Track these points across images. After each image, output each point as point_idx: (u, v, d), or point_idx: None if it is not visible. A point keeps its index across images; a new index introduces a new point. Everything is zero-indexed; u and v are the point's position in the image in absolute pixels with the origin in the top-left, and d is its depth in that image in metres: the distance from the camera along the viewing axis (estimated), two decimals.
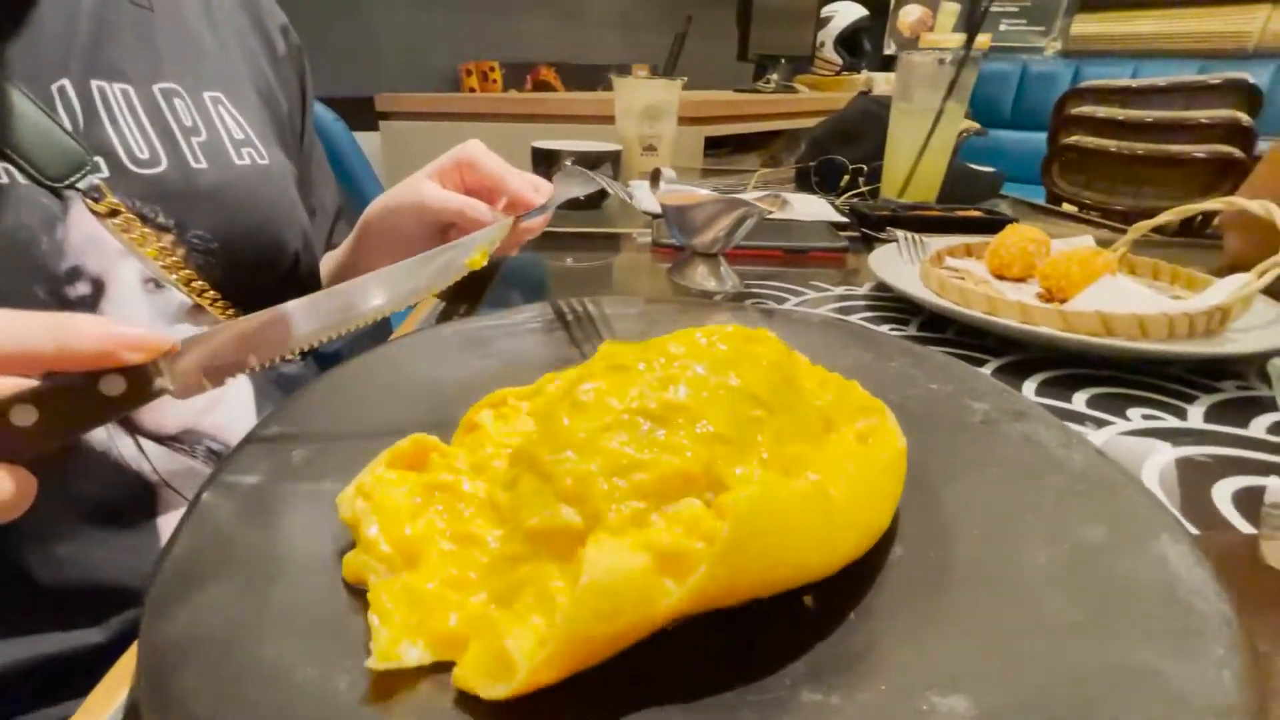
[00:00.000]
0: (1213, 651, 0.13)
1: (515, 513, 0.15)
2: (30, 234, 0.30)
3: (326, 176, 0.53)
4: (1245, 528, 0.21)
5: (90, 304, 0.32)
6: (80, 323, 0.18)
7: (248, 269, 0.38)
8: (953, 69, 0.63)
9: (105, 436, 0.32)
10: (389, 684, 0.13)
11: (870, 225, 0.60)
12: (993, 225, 0.60)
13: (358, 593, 0.15)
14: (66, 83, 0.33)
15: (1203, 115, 1.52)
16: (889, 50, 2.76)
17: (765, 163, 1.67)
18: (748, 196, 0.39)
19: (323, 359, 0.48)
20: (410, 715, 0.13)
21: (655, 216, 0.59)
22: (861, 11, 2.43)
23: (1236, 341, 0.31)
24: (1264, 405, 0.29)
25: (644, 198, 0.64)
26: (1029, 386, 0.31)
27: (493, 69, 1.49)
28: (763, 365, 0.19)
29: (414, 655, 0.13)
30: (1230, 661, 0.13)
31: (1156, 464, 0.25)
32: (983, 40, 2.73)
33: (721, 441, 0.16)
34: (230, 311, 0.37)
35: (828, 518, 0.15)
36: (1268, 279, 0.32)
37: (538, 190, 0.38)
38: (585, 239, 0.58)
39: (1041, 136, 1.82)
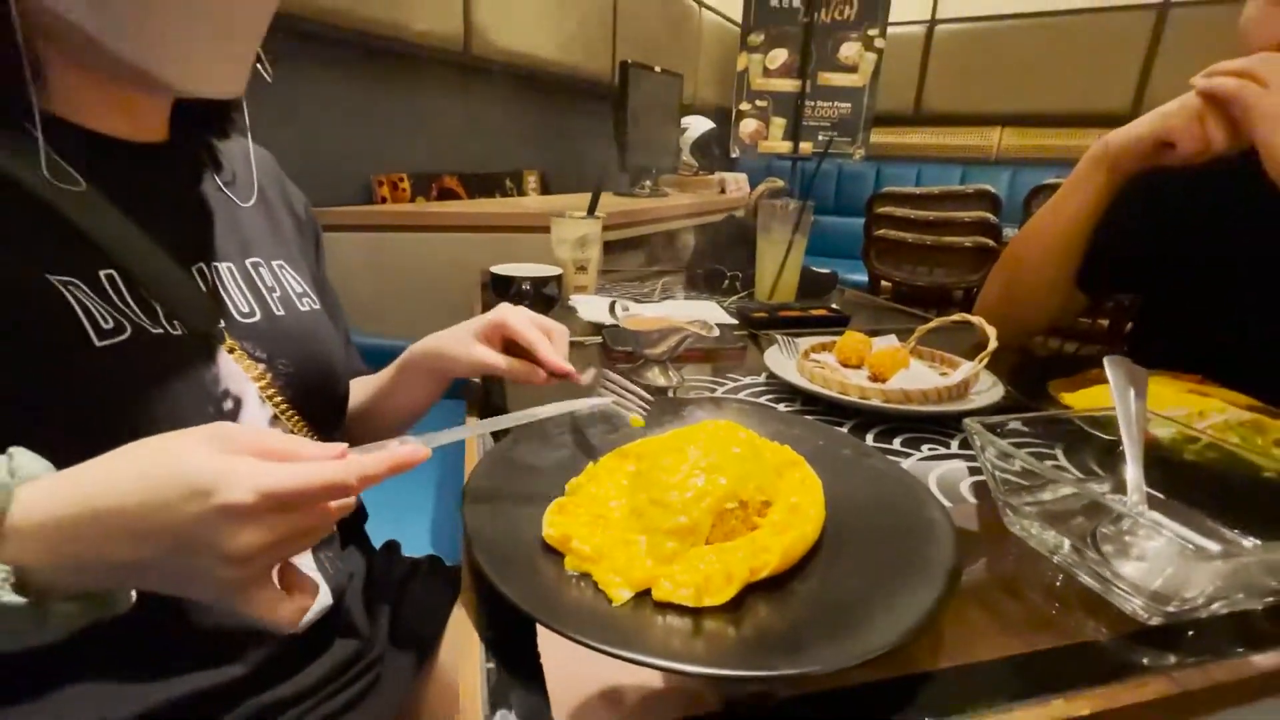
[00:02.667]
0: (945, 548, 0.32)
1: (650, 521, 0.31)
2: (198, 369, 0.42)
3: (340, 310, 0.65)
4: (974, 501, 0.42)
5: (234, 415, 0.43)
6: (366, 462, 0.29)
7: (311, 388, 0.50)
8: (798, 213, 0.89)
9: None
10: (611, 606, 0.28)
11: (754, 325, 0.82)
12: (839, 320, 0.85)
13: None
14: (203, 265, 0.45)
15: (965, 216, 2.02)
16: (734, 154, 3.25)
17: (646, 261, 1.94)
18: (686, 323, 0.59)
19: None
20: (639, 618, 0.28)
21: (600, 327, 0.76)
22: (710, 124, 2.87)
23: (972, 401, 0.55)
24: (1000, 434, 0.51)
25: (585, 310, 0.82)
26: (869, 436, 0.51)
27: (402, 179, 1.62)
28: (742, 442, 0.37)
29: (625, 594, 0.29)
30: (949, 552, 0.32)
31: (934, 474, 0.46)
32: (806, 147, 3.27)
33: (737, 480, 0.33)
34: (296, 419, 0.49)
35: (814, 527, 0.33)
36: (982, 365, 0.57)
37: (554, 340, 0.50)
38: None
39: (857, 221, 2.29)
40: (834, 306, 0.92)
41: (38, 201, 0.37)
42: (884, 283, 2.15)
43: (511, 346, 0.51)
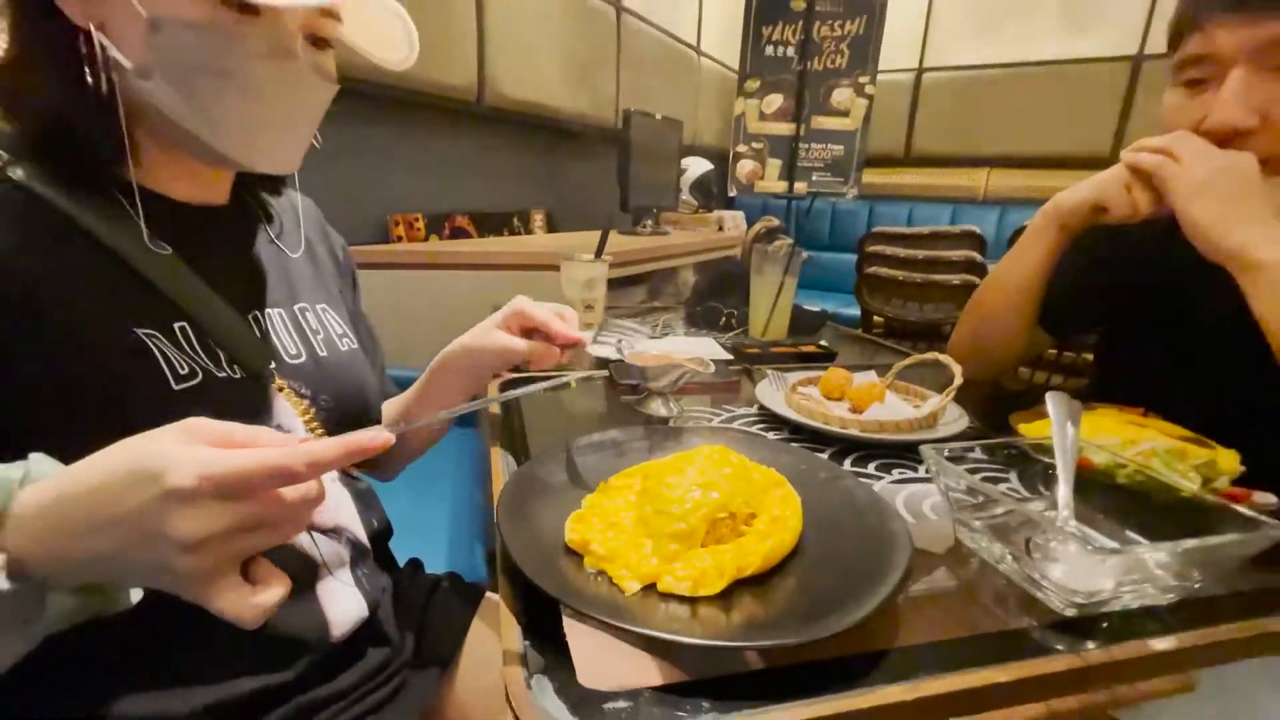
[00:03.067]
0: (902, 554, 0.38)
1: (655, 528, 0.38)
2: (255, 406, 0.48)
3: (376, 343, 0.72)
4: (934, 518, 0.49)
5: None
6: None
7: (348, 420, 0.56)
8: (786, 257, 0.97)
9: None
10: (624, 595, 0.35)
11: (747, 360, 0.89)
12: (826, 356, 0.93)
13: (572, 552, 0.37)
14: (257, 313, 0.52)
15: (953, 255, 2.12)
16: (731, 194, 3.37)
17: (648, 297, 2.01)
18: (685, 360, 0.66)
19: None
20: (639, 606, 0.34)
21: (605, 362, 0.83)
22: (708, 165, 2.99)
23: (939, 431, 0.62)
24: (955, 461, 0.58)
25: (593, 346, 0.89)
26: (847, 462, 0.58)
27: (417, 219, 1.72)
28: (733, 464, 0.43)
29: (634, 586, 0.35)
30: (906, 557, 0.38)
31: (902, 495, 0.52)
32: (800, 187, 3.39)
33: (727, 495, 0.40)
34: None
35: (792, 535, 0.40)
36: (948, 399, 0.64)
37: (565, 320, 0.58)
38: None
39: (851, 258, 2.38)
40: (823, 343, 0.99)
41: (130, 264, 0.44)
42: (876, 317, 2.24)
43: (529, 334, 0.58)
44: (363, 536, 0.57)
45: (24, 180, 0.42)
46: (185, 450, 0.28)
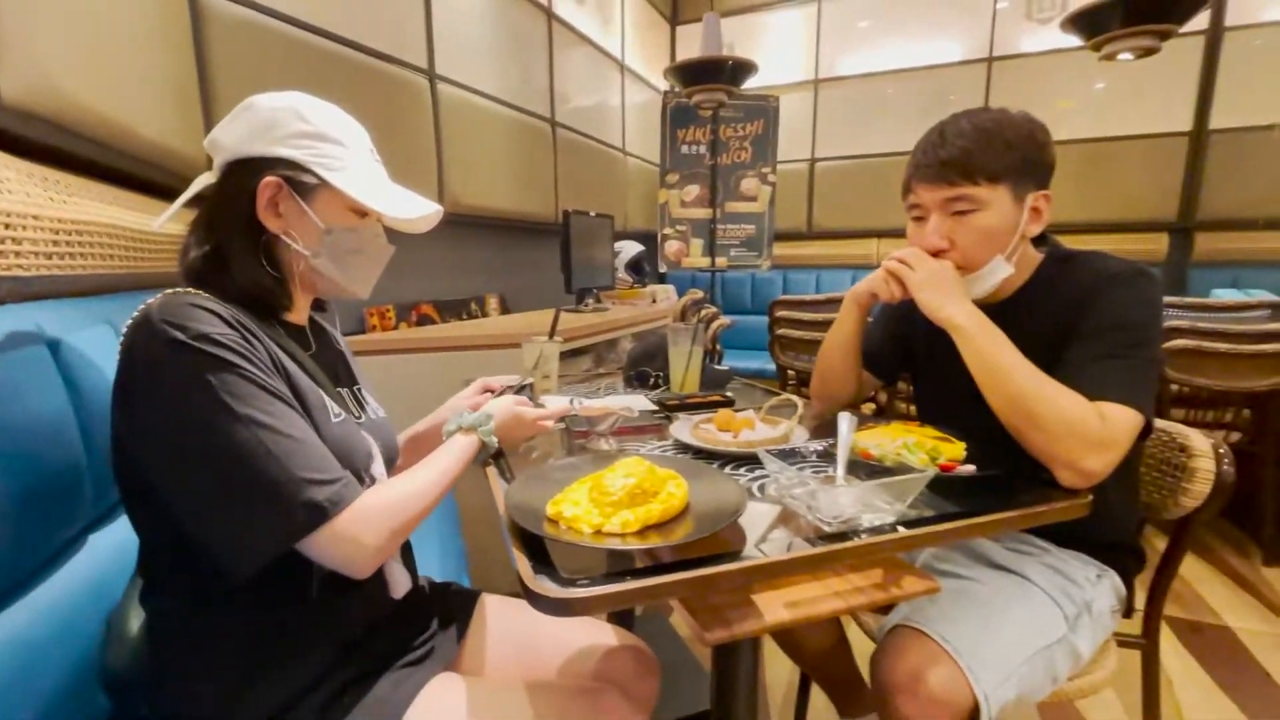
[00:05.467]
0: (741, 505, 0.68)
1: (599, 501, 0.66)
2: (369, 443, 0.75)
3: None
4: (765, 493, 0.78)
5: (375, 469, 0.76)
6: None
7: (390, 457, 0.83)
8: (693, 331, 1.29)
9: None
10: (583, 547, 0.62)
11: (669, 410, 1.19)
12: (726, 403, 1.24)
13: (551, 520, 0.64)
14: (344, 390, 0.79)
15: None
16: (662, 269, 3.77)
17: (593, 364, 2.32)
18: (619, 409, 0.95)
19: None
20: (592, 551, 0.62)
21: (563, 417, 1.11)
22: (639, 247, 3.40)
23: (794, 442, 0.92)
24: (795, 462, 0.88)
25: (551, 405, 1.17)
26: (728, 469, 0.87)
27: (388, 310, 1.99)
28: (645, 467, 0.72)
29: (588, 530, 0.63)
30: (739, 503, 0.67)
31: (758, 484, 0.82)
32: (721, 262, 3.84)
33: (639, 480, 0.68)
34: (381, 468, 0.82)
35: (680, 502, 0.68)
36: (795, 423, 0.95)
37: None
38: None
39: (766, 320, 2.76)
40: (727, 394, 1.31)
41: (301, 362, 0.72)
42: (789, 371, 2.62)
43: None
44: None
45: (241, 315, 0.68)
46: (519, 407, 0.85)
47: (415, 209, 0.77)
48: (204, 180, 0.73)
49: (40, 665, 0.64)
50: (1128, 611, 1.02)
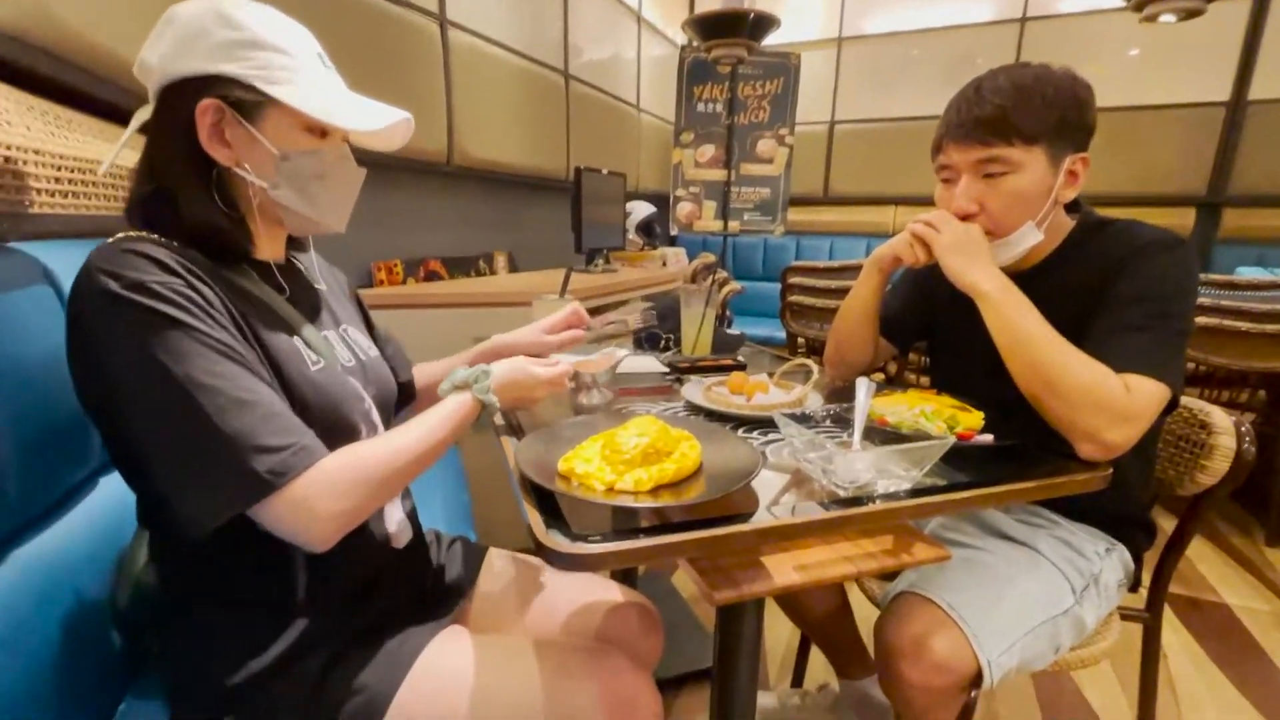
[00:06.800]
0: (756, 467, 0.66)
1: (612, 458, 0.65)
2: (358, 389, 0.73)
3: (398, 343, 0.96)
4: (778, 457, 0.77)
5: (369, 415, 0.75)
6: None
7: (385, 403, 0.81)
8: (706, 294, 1.27)
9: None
10: (595, 504, 0.62)
11: (680, 371, 1.18)
12: (738, 366, 1.22)
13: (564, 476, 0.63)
14: (329, 333, 0.77)
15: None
16: (673, 232, 3.71)
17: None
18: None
19: None
20: (600, 507, 0.61)
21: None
22: (651, 208, 3.33)
23: (808, 407, 0.91)
24: (810, 426, 0.87)
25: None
26: (740, 431, 0.86)
27: (396, 265, 1.96)
28: (658, 425, 0.71)
29: (599, 488, 0.62)
30: (757, 468, 0.66)
31: (771, 447, 0.80)
32: (734, 226, 3.77)
33: (653, 440, 0.67)
34: (378, 413, 0.80)
35: (692, 463, 0.67)
36: (809, 387, 0.93)
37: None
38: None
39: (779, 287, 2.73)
40: (739, 358, 1.29)
41: (273, 307, 0.69)
42: (799, 338, 2.59)
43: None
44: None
45: (198, 257, 0.63)
46: (533, 364, 0.78)
47: (381, 118, 0.67)
48: (144, 115, 0.64)
49: (54, 603, 0.64)
50: (1134, 586, 1.02)
